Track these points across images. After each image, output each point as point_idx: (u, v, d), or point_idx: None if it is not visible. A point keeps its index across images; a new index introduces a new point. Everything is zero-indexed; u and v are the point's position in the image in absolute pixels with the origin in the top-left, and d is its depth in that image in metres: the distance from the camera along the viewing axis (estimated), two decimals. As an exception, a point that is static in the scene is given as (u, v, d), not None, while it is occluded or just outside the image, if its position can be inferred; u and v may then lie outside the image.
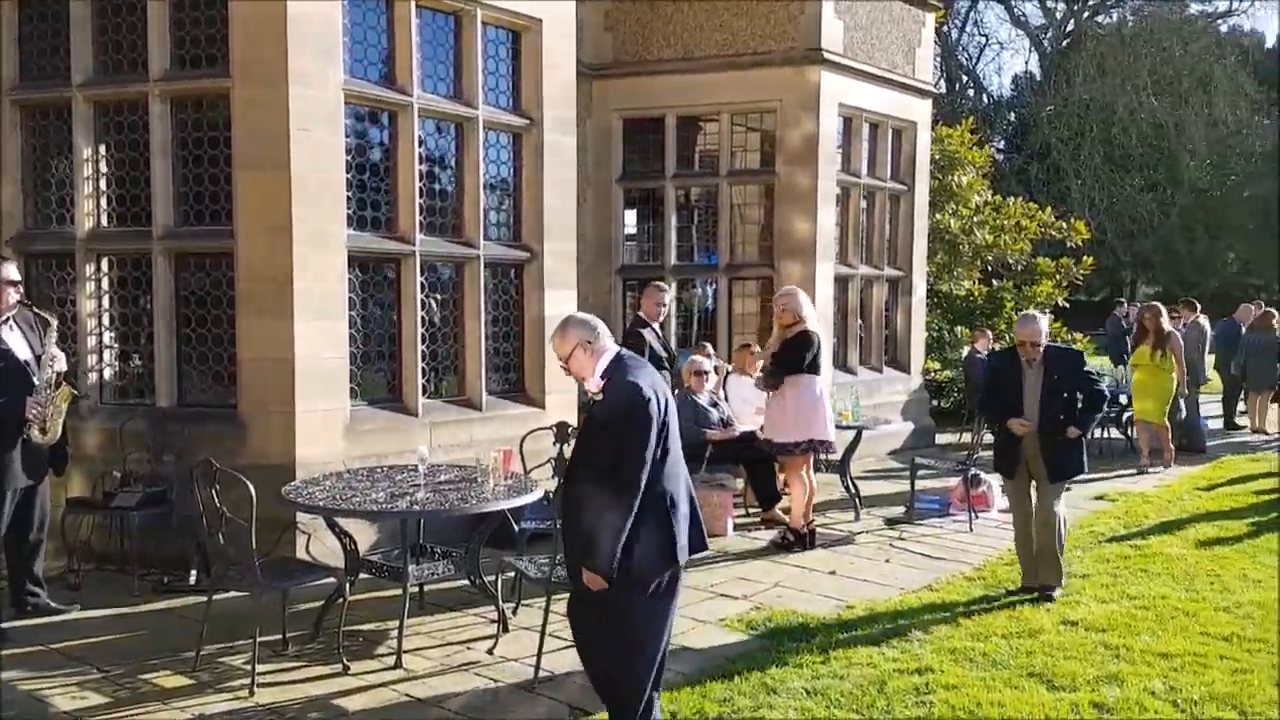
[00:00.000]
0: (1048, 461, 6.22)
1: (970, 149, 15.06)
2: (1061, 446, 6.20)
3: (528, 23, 8.06)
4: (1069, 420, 6.19)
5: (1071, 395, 6.23)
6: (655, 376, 4.02)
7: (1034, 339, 6.22)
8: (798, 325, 7.47)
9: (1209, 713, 4.53)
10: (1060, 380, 6.19)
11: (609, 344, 4.09)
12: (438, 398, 7.69)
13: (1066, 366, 6.25)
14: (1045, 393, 6.18)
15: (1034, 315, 6.41)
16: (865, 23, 11.23)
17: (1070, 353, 6.54)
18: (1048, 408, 6.17)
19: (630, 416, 3.83)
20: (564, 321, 4.19)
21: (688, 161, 11.31)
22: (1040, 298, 15.35)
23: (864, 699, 4.72)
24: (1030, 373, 6.23)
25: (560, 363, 4.17)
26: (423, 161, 7.48)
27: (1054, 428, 6.16)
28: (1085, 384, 6.31)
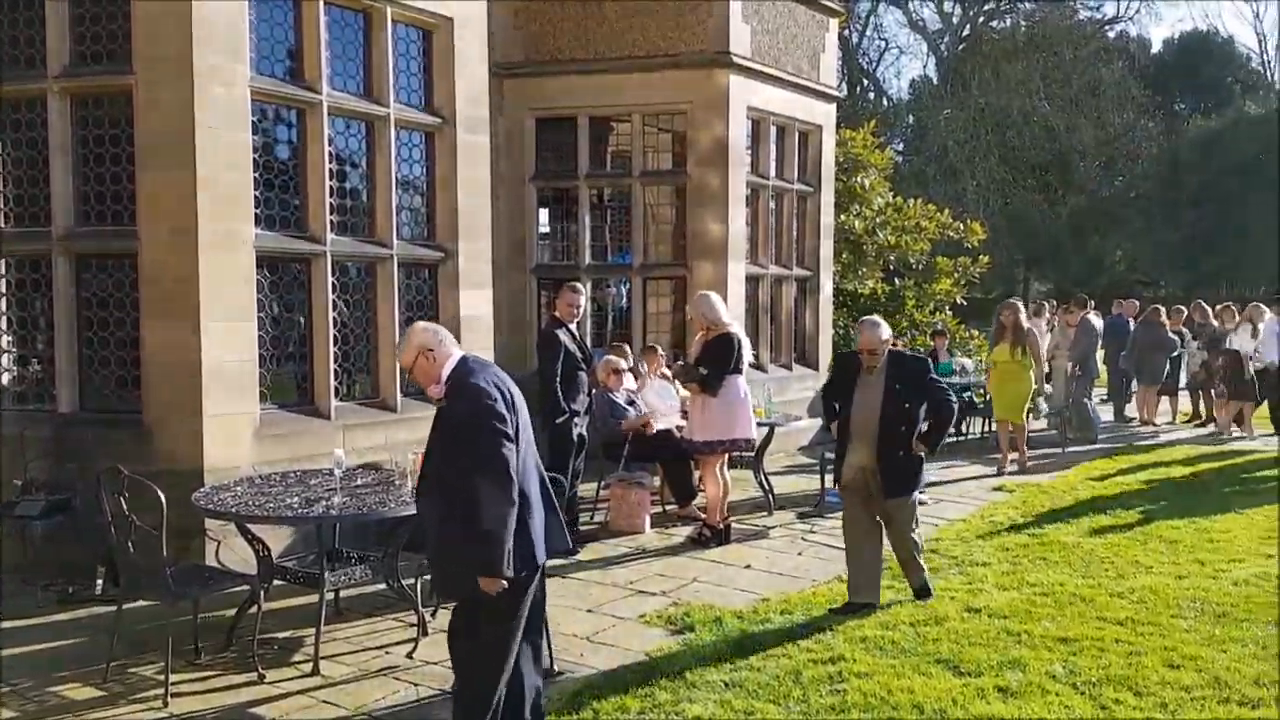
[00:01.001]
0: (884, 475, 5.87)
1: (872, 151, 15.44)
2: (900, 460, 5.85)
3: (438, 21, 8.01)
4: (910, 432, 5.84)
5: (914, 406, 5.85)
6: (502, 376, 3.95)
7: (871, 347, 5.87)
8: (716, 329, 7.53)
9: (1107, 694, 4.76)
10: (903, 390, 5.82)
11: (453, 349, 4.00)
12: (351, 400, 7.61)
13: (910, 375, 5.88)
14: (885, 403, 5.82)
15: (875, 321, 6.00)
16: (772, 27, 11.43)
17: (914, 361, 6.15)
18: (887, 419, 5.81)
19: (481, 416, 3.75)
20: (408, 331, 4.10)
21: (601, 161, 11.36)
22: (940, 295, 15.82)
23: (781, 689, 4.84)
24: (870, 380, 5.90)
25: (406, 371, 4.07)
26: (333, 160, 7.39)
27: (894, 440, 5.81)
28: (932, 394, 5.90)
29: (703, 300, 7.71)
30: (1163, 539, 7.65)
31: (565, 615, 5.89)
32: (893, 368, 5.88)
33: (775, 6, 11.49)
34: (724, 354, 7.51)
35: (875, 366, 5.87)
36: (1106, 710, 4.59)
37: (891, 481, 5.89)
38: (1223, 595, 6.20)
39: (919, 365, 6.04)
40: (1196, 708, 4.59)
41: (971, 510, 8.77)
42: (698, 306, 7.70)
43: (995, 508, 8.85)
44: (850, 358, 6.16)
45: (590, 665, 5.19)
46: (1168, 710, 4.58)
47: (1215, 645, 5.34)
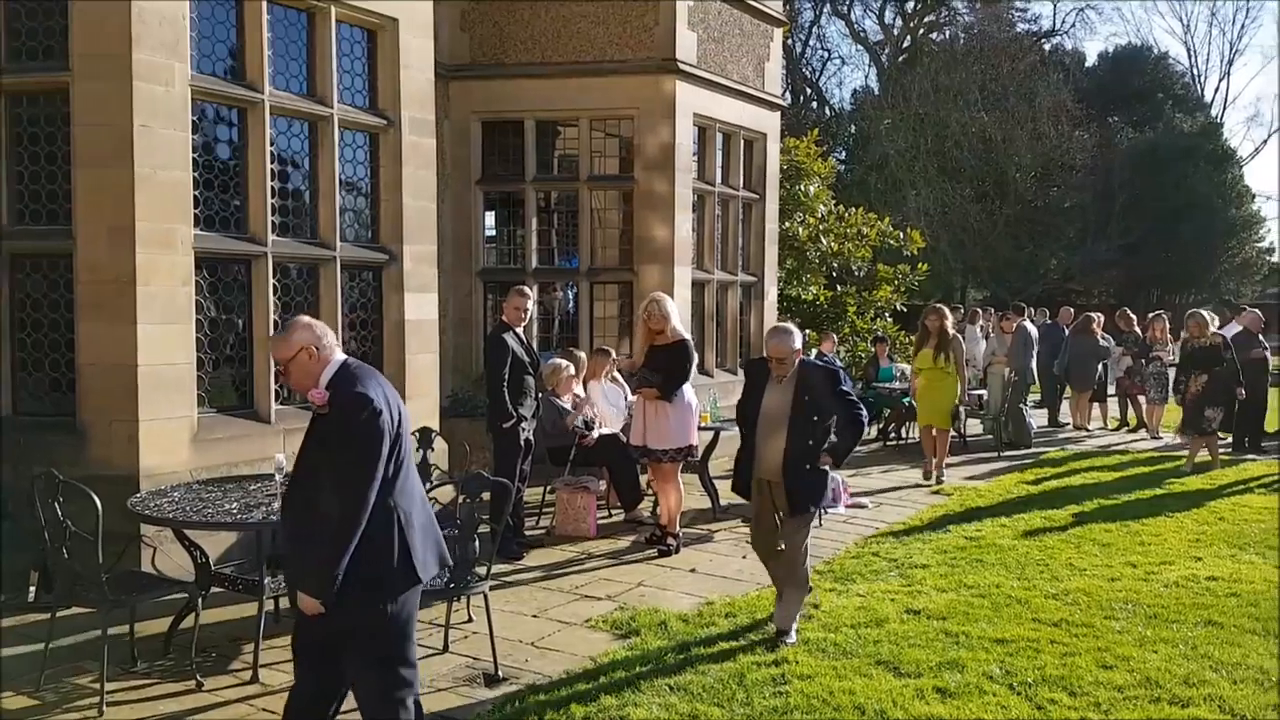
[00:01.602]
0: (790, 490, 5.55)
1: (815, 160, 15.63)
2: (808, 475, 5.52)
3: (383, 21, 7.96)
4: (819, 446, 5.53)
5: (824, 418, 5.52)
6: (387, 387, 3.70)
7: (780, 355, 5.53)
8: (667, 333, 7.47)
9: (1042, 694, 4.87)
10: (811, 401, 5.50)
11: (336, 352, 3.71)
12: (293, 404, 7.50)
13: (819, 385, 5.54)
14: (794, 414, 5.52)
15: (786, 328, 5.66)
16: (718, 35, 11.52)
17: (825, 370, 5.77)
18: (796, 430, 5.50)
19: (360, 430, 3.49)
20: (288, 324, 3.79)
21: (548, 165, 11.35)
22: (880, 302, 16.06)
23: (724, 692, 4.88)
24: (778, 389, 5.59)
25: (278, 367, 3.78)
26: (275, 160, 7.30)
27: (801, 453, 5.49)
28: (841, 406, 5.56)
29: (658, 304, 7.57)
30: (1095, 541, 7.84)
31: (510, 621, 5.88)
32: (803, 377, 5.56)
33: (721, 15, 11.58)
34: (683, 361, 7.46)
35: (785, 375, 5.56)
36: (1042, 710, 4.70)
37: (797, 496, 5.55)
38: (1154, 597, 6.37)
39: (829, 375, 5.69)
40: (1129, 707, 4.71)
41: (911, 513, 8.92)
42: (654, 304, 7.57)
43: (934, 511, 9.00)
44: (759, 364, 5.79)
45: (536, 671, 5.18)
46: (1101, 710, 4.70)
47: (1147, 646, 5.49)
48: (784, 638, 5.54)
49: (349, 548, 3.47)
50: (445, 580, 5.12)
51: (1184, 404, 11.23)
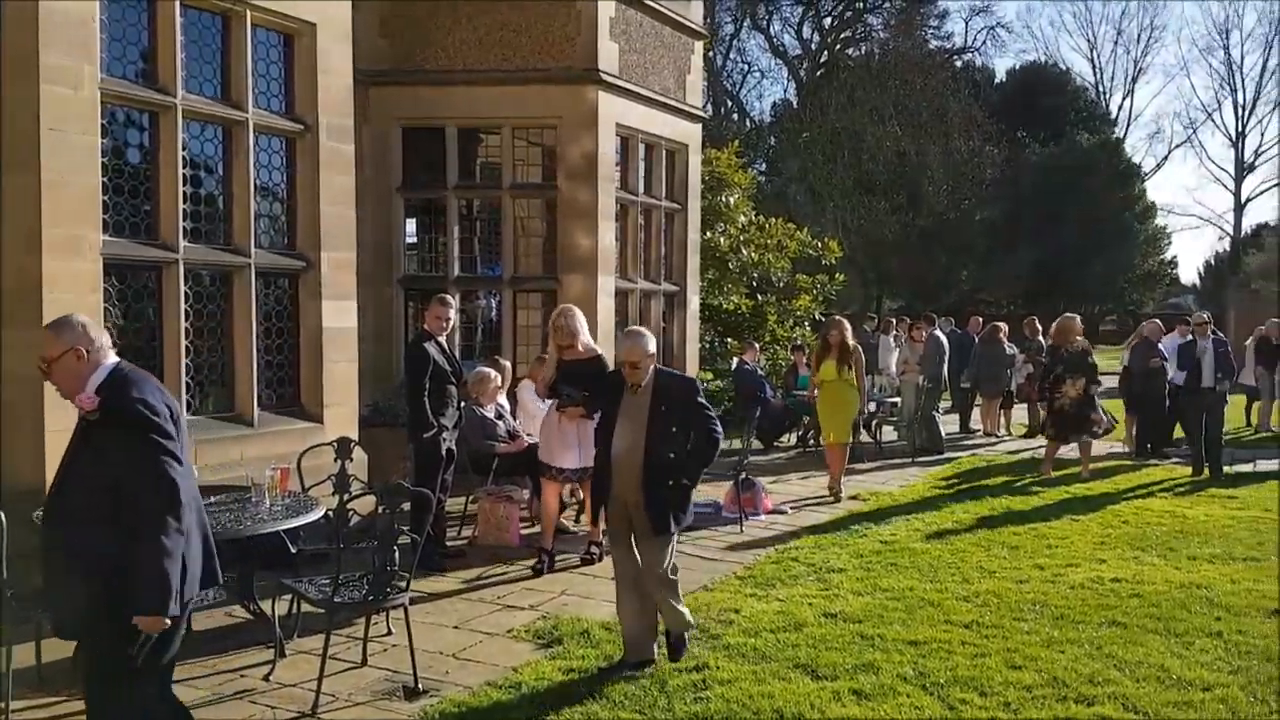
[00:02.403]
0: (649, 508, 5.14)
1: (736, 171, 15.84)
2: (668, 492, 5.16)
3: (300, 26, 7.87)
4: (681, 459, 5.17)
5: (683, 431, 5.18)
6: (165, 392, 3.59)
7: (634, 359, 5.13)
8: (579, 347, 7.21)
9: (954, 694, 5.00)
10: (669, 413, 5.14)
11: (109, 355, 3.53)
12: (205, 413, 7.35)
13: (677, 397, 5.20)
14: (651, 426, 5.13)
15: (639, 331, 5.27)
16: (639, 47, 11.61)
17: (683, 380, 5.48)
18: (653, 442, 5.11)
19: (148, 436, 3.36)
20: (58, 320, 3.60)
21: (470, 173, 11.30)
22: (799, 311, 16.32)
23: (646, 699, 4.91)
24: (634, 399, 5.18)
25: (41, 365, 3.56)
26: (188, 165, 7.16)
27: (660, 469, 5.12)
28: (699, 420, 5.22)
29: (566, 318, 7.25)
30: (1004, 544, 8.08)
31: (431, 633, 5.84)
32: (660, 386, 5.19)
33: (643, 27, 11.68)
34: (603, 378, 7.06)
35: (640, 384, 5.16)
36: (954, 710, 4.83)
37: (657, 516, 5.15)
38: (1060, 598, 6.59)
39: (688, 385, 5.38)
40: (1037, 706, 4.87)
41: (827, 518, 9.08)
42: (564, 318, 7.24)
43: (850, 516, 9.17)
44: (616, 375, 5.38)
45: (457, 683, 5.15)
46: (1011, 709, 4.84)
47: (1054, 646, 5.67)
48: (681, 647, 5.41)
49: (177, 551, 3.35)
50: (364, 593, 5.07)
51: (1056, 409, 11.31)
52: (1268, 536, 8.35)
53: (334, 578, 5.02)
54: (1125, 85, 54.38)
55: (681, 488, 5.21)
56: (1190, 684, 5.11)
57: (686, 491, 5.25)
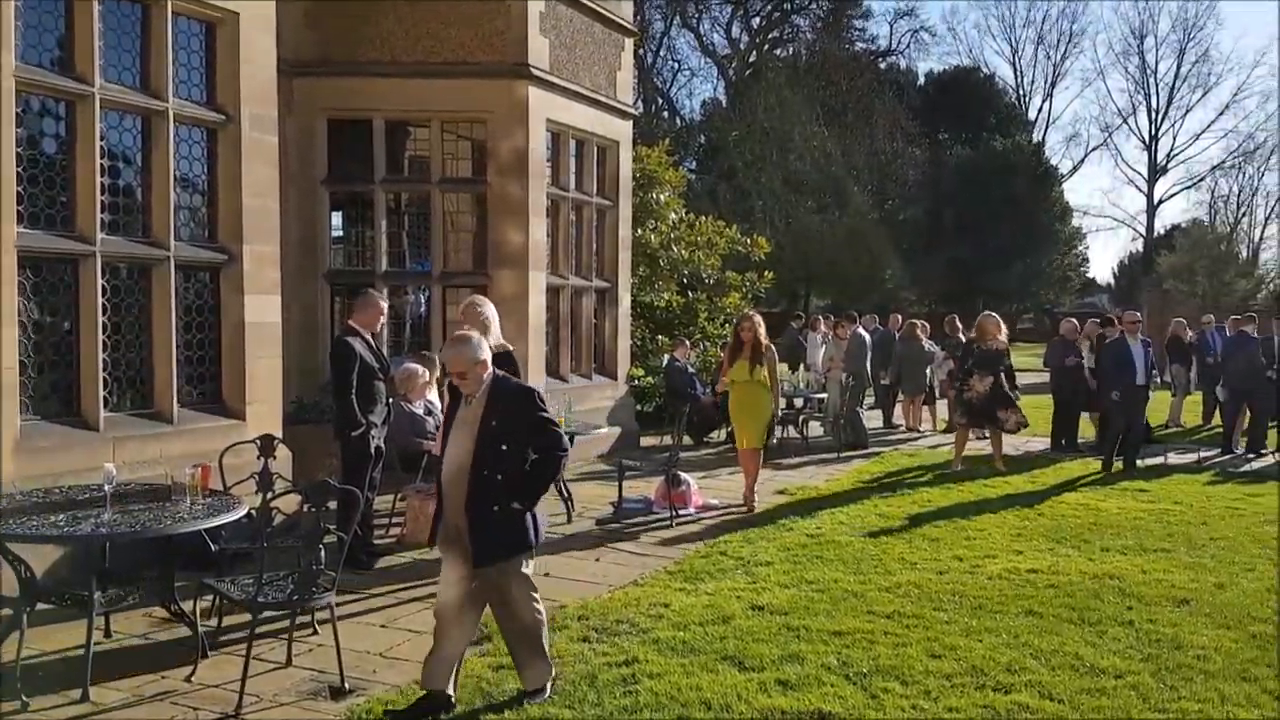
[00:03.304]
0: (472, 535, 4.58)
1: (667, 169, 15.92)
2: (497, 517, 4.57)
3: (223, 15, 7.71)
4: (512, 481, 4.57)
5: (517, 448, 4.59)
6: None
7: (459, 368, 4.58)
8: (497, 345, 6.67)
9: (876, 683, 5.11)
10: (501, 428, 4.54)
11: None
12: (123, 410, 7.16)
13: (512, 410, 4.60)
14: (479, 440, 4.54)
15: (465, 336, 4.71)
16: (569, 43, 11.60)
17: (519, 390, 4.75)
18: (480, 461, 4.53)
19: None
20: None
21: (398, 166, 11.17)
22: (730, 308, 16.47)
23: (576, 694, 4.93)
24: (467, 411, 4.62)
25: None
26: (106, 156, 6.98)
27: (487, 490, 4.54)
28: (540, 435, 4.63)
29: (484, 304, 6.90)
30: (925, 537, 8.27)
31: (358, 631, 5.78)
32: (494, 398, 4.61)
33: (573, 22, 11.67)
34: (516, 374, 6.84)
35: (473, 394, 4.61)
36: (877, 699, 4.93)
37: (482, 544, 4.58)
38: (979, 589, 6.77)
39: (524, 396, 4.70)
40: (957, 694, 5.00)
41: (756, 513, 9.18)
42: (474, 308, 6.83)
43: (777, 510, 9.29)
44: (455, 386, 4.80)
45: (384, 682, 5.11)
46: (931, 697, 4.96)
47: (973, 635, 5.83)
48: (536, 696, 4.81)
49: None
50: (289, 592, 5.01)
51: (965, 401, 11.68)
52: (1177, 529, 8.67)
53: (258, 577, 4.95)
54: (1045, 89, 55.81)
55: (510, 513, 4.59)
56: (1103, 671, 5.29)
57: (518, 517, 4.62)
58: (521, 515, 4.65)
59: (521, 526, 4.67)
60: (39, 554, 5.70)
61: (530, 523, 4.71)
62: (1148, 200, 54.61)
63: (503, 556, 4.65)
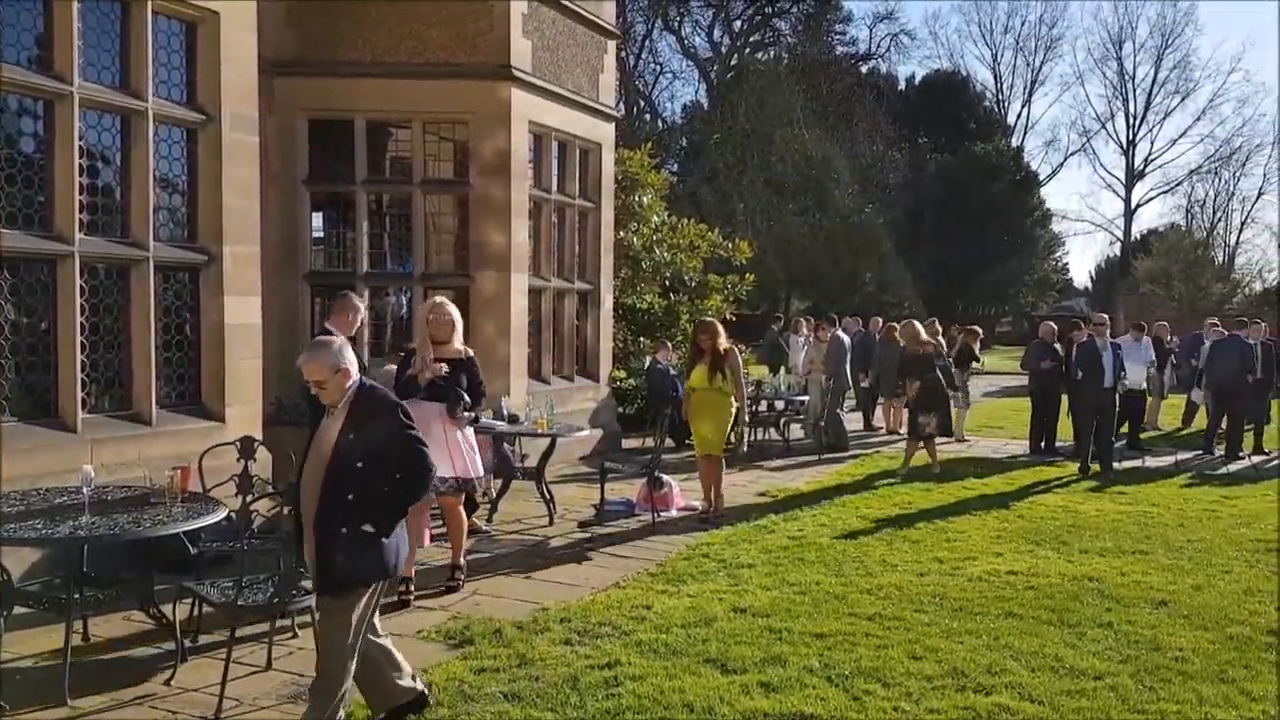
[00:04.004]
0: (317, 560, 4.18)
1: (649, 171, 15.93)
2: (343, 541, 4.11)
3: (203, 14, 7.66)
4: (363, 503, 4.11)
5: (374, 466, 4.14)
6: None
7: (317, 377, 4.19)
8: (454, 344, 6.67)
9: (858, 685, 5.13)
10: (357, 443, 4.13)
11: None
12: (101, 412, 7.10)
13: (370, 423, 4.18)
14: (333, 456, 4.15)
15: (324, 343, 4.30)
16: (552, 45, 11.59)
17: (382, 400, 4.30)
18: (332, 479, 4.13)
19: None
20: None
21: (379, 167, 11.13)
22: (711, 311, 16.49)
23: (558, 697, 4.93)
24: (329, 423, 4.24)
25: None
26: (85, 155, 6.92)
27: (336, 511, 4.11)
28: (403, 449, 4.22)
29: (442, 309, 6.66)
30: (906, 539, 8.31)
31: (339, 633, 5.74)
32: (354, 410, 4.20)
33: (555, 25, 11.66)
34: (479, 380, 6.72)
35: (335, 404, 4.22)
36: (858, 700, 4.95)
37: (325, 569, 4.15)
38: (959, 591, 6.81)
39: (384, 408, 4.26)
40: (938, 696, 5.02)
41: (738, 515, 9.19)
42: (438, 316, 6.61)
43: (760, 512, 9.31)
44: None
45: (366, 683, 5.08)
46: (912, 699, 4.98)
47: (953, 637, 5.86)
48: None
49: None
50: (269, 595, 4.98)
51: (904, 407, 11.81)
52: (1154, 531, 8.75)
53: (237, 580, 4.92)
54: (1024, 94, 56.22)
55: (361, 537, 4.12)
56: (1082, 673, 5.33)
57: (369, 540, 4.13)
58: (373, 541, 4.15)
59: (372, 554, 4.16)
60: (16, 557, 5.67)
61: (384, 552, 4.19)
62: (1125, 204, 55.10)
63: (347, 585, 4.16)
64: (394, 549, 4.24)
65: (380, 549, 4.19)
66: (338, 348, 4.23)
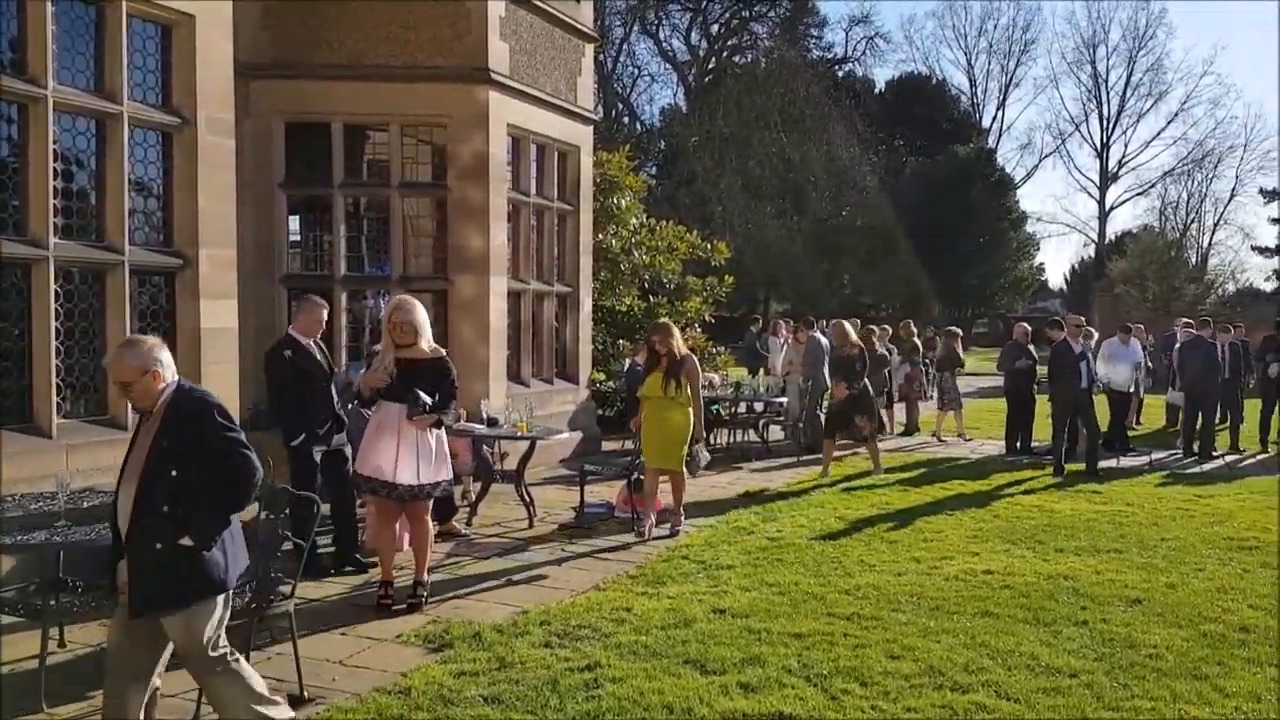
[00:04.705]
0: (131, 575, 3.84)
1: (627, 174, 15.95)
2: (158, 556, 3.78)
3: (179, 17, 7.63)
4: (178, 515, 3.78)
5: (190, 474, 3.81)
6: None
7: (120, 379, 3.92)
8: (422, 346, 6.37)
9: (836, 685, 5.16)
10: (172, 449, 3.82)
11: None
12: (76, 417, 7.05)
13: (186, 427, 3.85)
14: (146, 465, 3.83)
15: (131, 340, 4.03)
16: (530, 48, 11.60)
17: (198, 404, 3.93)
18: (146, 489, 3.80)
19: None
20: None
21: (357, 170, 11.10)
22: (690, 313, 16.53)
23: (538, 699, 4.93)
24: (145, 428, 3.95)
25: None
26: (59, 159, 6.88)
27: (149, 523, 3.79)
28: (222, 452, 3.87)
29: (411, 309, 6.35)
30: (884, 539, 8.36)
31: (317, 639, 5.72)
32: (170, 414, 3.88)
33: (533, 28, 11.67)
34: (452, 383, 6.43)
35: (150, 408, 3.91)
36: (836, 700, 4.98)
37: (139, 587, 3.81)
38: (936, 590, 6.85)
39: (200, 411, 3.90)
40: (915, 695, 5.06)
41: (718, 517, 9.23)
42: (398, 319, 6.30)
43: (739, 514, 9.34)
44: None
45: (343, 690, 5.07)
46: (890, 698, 5.02)
47: (930, 636, 5.90)
48: None
49: None
50: (246, 599, 4.95)
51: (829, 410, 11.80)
52: (1129, 530, 8.84)
53: (216, 584, 4.88)
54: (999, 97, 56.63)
55: (178, 552, 3.80)
56: (1058, 671, 5.38)
57: (190, 557, 3.82)
58: (194, 555, 3.82)
59: (196, 570, 3.84)
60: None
61: (211, 566, 3.86)
62: (1100, 206, 55.57)
63: (167, 605, 3.85)
64: (217, 563, 3.89)
65: (203, 564, 3.85)
66: (149, 347, 3.93)
